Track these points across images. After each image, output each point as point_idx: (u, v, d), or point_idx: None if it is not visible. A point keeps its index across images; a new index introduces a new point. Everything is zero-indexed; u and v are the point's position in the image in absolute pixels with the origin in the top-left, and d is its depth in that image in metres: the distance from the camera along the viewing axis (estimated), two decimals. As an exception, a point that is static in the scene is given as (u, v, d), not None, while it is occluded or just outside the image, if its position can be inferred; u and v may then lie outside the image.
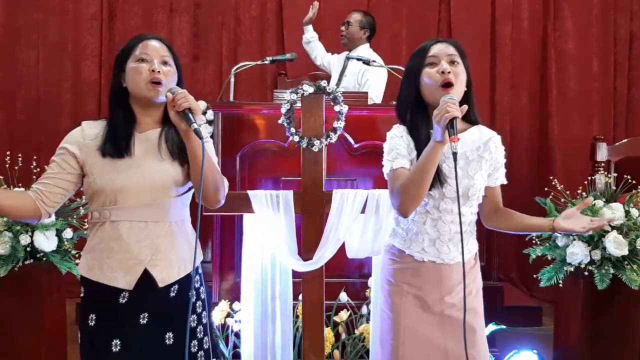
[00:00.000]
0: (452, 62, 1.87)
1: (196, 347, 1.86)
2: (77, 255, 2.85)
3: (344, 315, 2.87)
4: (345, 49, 4.43)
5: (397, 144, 1.92)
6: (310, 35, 4.48)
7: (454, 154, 1.71)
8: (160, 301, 1.78)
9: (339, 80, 4.30)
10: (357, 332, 2.84)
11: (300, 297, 2.42)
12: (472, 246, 1.99)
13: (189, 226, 1.90)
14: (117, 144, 1.77)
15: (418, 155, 1.86)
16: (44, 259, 2.75)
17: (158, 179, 1.78)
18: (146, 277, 1.76)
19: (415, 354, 1.91)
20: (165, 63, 1.80)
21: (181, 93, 1.72)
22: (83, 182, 1.81)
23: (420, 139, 1.89)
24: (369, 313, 2.66)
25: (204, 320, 1.90)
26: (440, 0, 4.91)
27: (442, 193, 1.89)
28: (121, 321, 1.77)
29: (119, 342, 1.76)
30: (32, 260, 2.73)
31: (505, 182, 2.02)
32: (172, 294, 1.80)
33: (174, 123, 1.73)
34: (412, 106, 1.93)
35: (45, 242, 2.71)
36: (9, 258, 2.68)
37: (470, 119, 1.97)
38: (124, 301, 1.76)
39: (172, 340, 1.79)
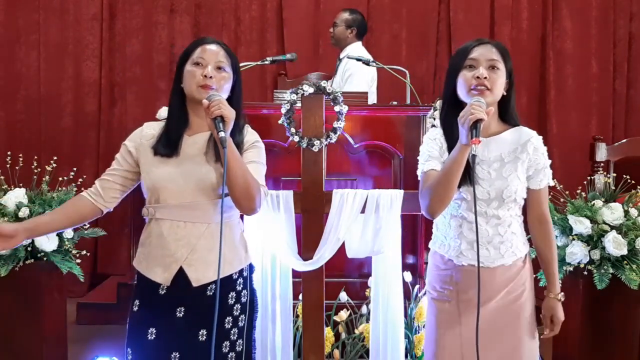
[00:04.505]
0: (491, 68, 1.84)
1: (227, 348, 1.87)
2: (77, 255, 2.85)
3: (343, 314, 2.87)
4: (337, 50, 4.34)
5: (430, 147, 1.93)
6: None
7: (473, 157, 1.71)
8: (196, 299, 1.82)
9: (332, 80, 4.27)
10: (357, 331, 2.85)
11: (300, 296, 2.42)
12: (519, 248, 1.95)
13: (237, 229, 1.93)
14: (166, 144, 1.85)
15: None
16: (45, 258, 2.74)
17: (199, 180, 1.82)
18: (182, 275, 1.82)
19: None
20: (220, 68, 1.84)
21: (216, 100, 1.73)
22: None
23: (453, 140, 1.86)
24: (368, 313, 2.66)
25: (241, 324, 1.91)
26: (440, 0, 4.92)
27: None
28: (159, 311, 1.84)
29: (154, 331, 1.83)
30: (32, 260, 2.73)
31: (551, 183, 1.97)
32: (209, 293, 1.84)
33: (209, 129, 1.76)
34: (447, 106, 1.92)
35: (46, 241, 2.71)
36: (9, 258, 2.67)
37: (509, 121, 1.94)
38: (162, 292, 1.84)
39: (205, 337, 1.83)
